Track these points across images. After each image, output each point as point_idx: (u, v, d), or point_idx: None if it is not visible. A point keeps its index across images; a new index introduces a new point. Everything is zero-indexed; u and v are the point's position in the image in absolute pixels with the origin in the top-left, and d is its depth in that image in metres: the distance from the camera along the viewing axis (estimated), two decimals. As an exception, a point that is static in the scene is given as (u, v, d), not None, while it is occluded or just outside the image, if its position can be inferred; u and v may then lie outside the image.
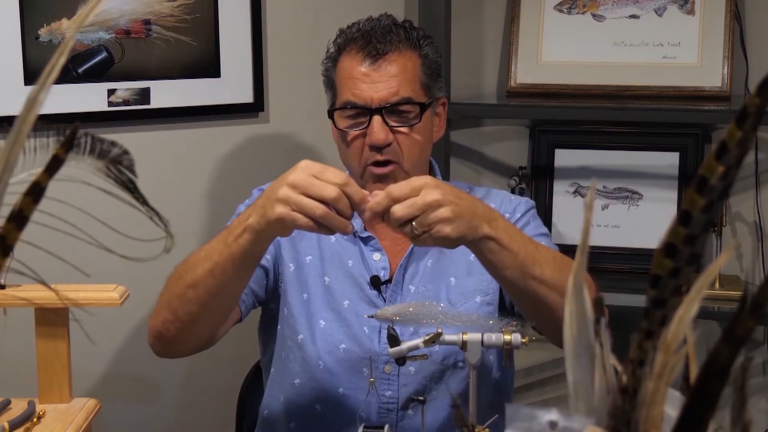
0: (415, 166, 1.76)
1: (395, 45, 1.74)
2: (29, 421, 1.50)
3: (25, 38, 2.06)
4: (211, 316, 1.63)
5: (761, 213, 2.46)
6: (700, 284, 0.64)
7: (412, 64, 1.75)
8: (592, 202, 0.68)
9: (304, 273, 1.79)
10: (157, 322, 1.65)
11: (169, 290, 1.64)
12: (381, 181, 1.72)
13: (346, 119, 1.75)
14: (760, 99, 0.60)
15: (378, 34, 1.74)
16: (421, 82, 1.76)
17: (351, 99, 1.73)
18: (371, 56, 1.73)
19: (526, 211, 1.83)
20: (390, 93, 1.72)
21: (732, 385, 0.64)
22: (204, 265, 1.56)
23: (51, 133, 0.78)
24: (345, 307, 1.76)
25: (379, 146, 1.71)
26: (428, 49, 1.78)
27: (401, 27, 1.78)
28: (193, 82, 2.26)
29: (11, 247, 0.70)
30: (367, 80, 1.72)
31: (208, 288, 1.56)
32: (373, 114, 1.72)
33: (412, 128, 1.73)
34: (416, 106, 1.74)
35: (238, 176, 2.35)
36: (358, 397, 1.72)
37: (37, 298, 1.54)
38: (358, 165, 1.75)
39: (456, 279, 1.77)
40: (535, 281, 1.51)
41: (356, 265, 1.79)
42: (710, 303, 2.31)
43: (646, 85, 2.43)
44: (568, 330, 0.70)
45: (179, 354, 1.72)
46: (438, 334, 1.41)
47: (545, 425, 0.65)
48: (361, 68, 1.73)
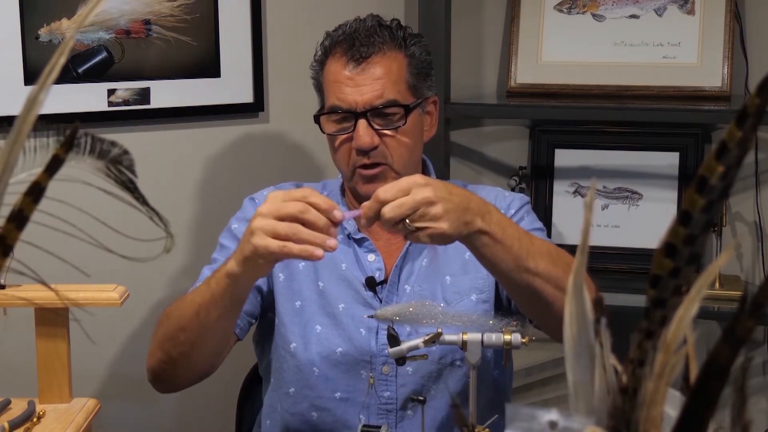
0: (405, 166, 1.75)
1: (379, 47, 1.73)
2: (29, 421, 1.50)
3: (25, 38, 2.06)
4: (204, 353, 1.66)
5: (761, 213, 2.46)
6: (700, 284, 0.64)
7: (397, 65, 1.75)
8: (592, 202, 0.68)
9: (297, 280, 1.78)
10: (153, 362, 1.70)
11: (160, 331, 1.69)
12: (371, 182, 1.73)
13: (332, 123, 1.76)
14: (760, 99, 0.60)
15: (362, 36, 1.74)
16: (408, 83, 1.75)
17: (336, 103, 1.74)
18: (354, 59, 1.72)
19: (521, 206, 1.83)
20: (374, 96, 1.71)
21: (732, 385, 0.64)
22: (190, 308, 1.60)
23: (51, 133, 0.78)
24: (340, 311, 1.76)
25: (365, 150, 1.72)
26: (415, 49, 1.77)
27: (386, 28, 1.77)
28: (193, 82, 2.26)
29: (11, 247, 0.70)
30: (351, 84, 1.72)
31: (196, 330, 1.61)
32: (358, 118, 1.71)
33: (398, 130, 1.73)
34: (401, 108, 1.73)
35: (238, 176, 2.35)
36: (356, 401, 1.72)
37: (37, 298, 1.54)
38: (347, 168, 1.75)
39: (451, 277, 1.77)
40: (529, 274, 1.50)
41: (350, 268, 1.78)
42: (710, 303, 2.30)
43: (646, 85, 2.43)
44: (568, 330, 0.70)
45: (180, 388, 1.76)
46: (438, 334, 1.42)
47: (545, 425, 0.65)
48: (345, 72, 1.73)
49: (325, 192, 1.85)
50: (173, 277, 2.30)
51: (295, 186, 1.87)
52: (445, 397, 1.73)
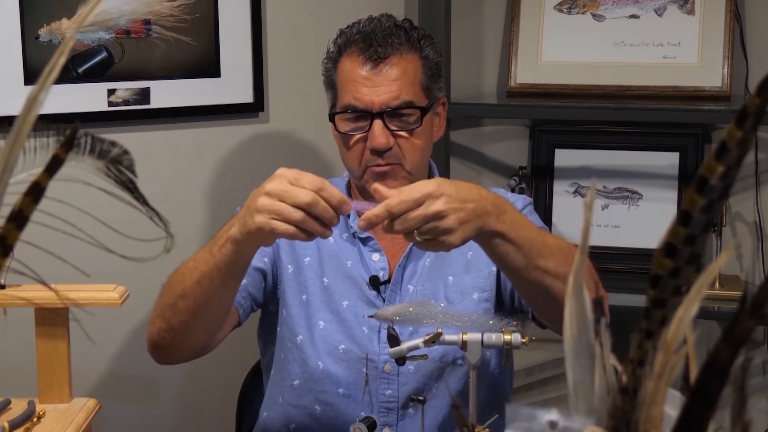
0: (417, 167, 1.76)
1: (396, 48, 1.73)
2: (29, 421, 1.50)
3: (25, 38, 2.06)
4: (204, 324, 1.64)
5: (761, 213, 2.46)
6: (700, 284, 0.64)
7: (413, 66, 1.75)
8: (592, 202, 0.68)
9: (303, 274, 1.79)
10: (153, 330, 1.68)
11: (162, 299, 1.66)
12: (381, 178, 1.72)
13: (347, 122, 1.75)
14: (760, 99, 0.60)
15: (379, 36, 1.73)
16: (422, 85, 1.76)
17: (352, 102, 1.73)
18: (372, 60, 1.72)
19: (524, 207, 1.83)
20: (391, 97, 1.71)
21: (732, 385, 0.64)
22: (192, 275, 1.58)
23: (51, 133, 0.78)
24: (344, 308, 1.76)
25: (380, 150, 1.71)
26: (429, 50, 1.78)
27: (402, 28, 1.77)
28: (193, 82, 2.26)
29: (11, 247, 0.70)
30: (368, 84, 1.72)
31: (197, 298, 1.58)
32: (374, 118, 1.71)
33: (412, 132, 1.73)
34: (417, 110, 1.73)
35: (238, 176, 2.35)
36: (358, 398, 1.72)
37: (37, 298, 1.54)
38: (358, 167, 1.75)
39: (454, 277, 1.78)
40: (539, 271, 1.50)
41: (355, 266, 1.79)
42: (710, 303, 2.31)
43: (646, 85, 2.43)
44: (568, 330, 0.70)
45: (177, 361, 1.74)
46: (438, 334, 1.42)
47: (545, 425, 0.65)
48: (362, 71, 1.72)
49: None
50: (173, 277, 2.29)
51: None
52: (446, 396, 1.73)
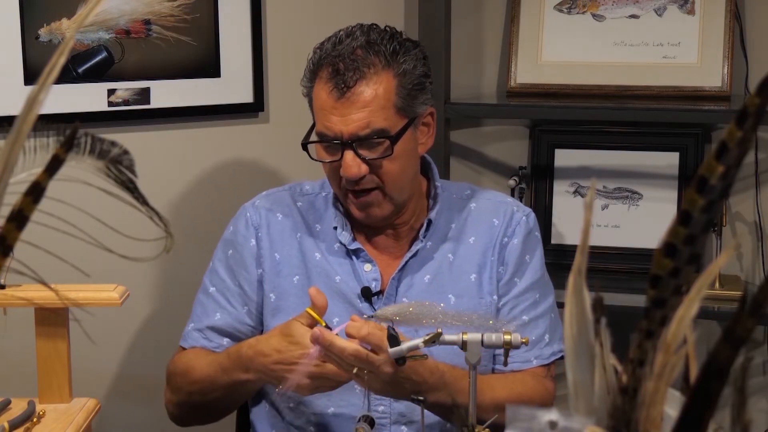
0: (398, 187, 1.72)
1: (364, 73, 1.66)
2: (29, 421, 1.50)
3: (25, 38, 2.06)
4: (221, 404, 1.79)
5: (761, 213, 2.46)
6: (700, 284, 0.64)
7: (384, 88, 1.67)
8: (592, 202, 0.68)
9: (290, 297, 1.77)
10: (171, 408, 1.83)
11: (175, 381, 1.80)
12: (365, 209, 1.72)
13: (321, 149, 1.72)
14: (760, 99, 0.60)
15: (347, 61, 1.67)
16: (396, 107, 1.68)
17: (323, 131, 1.69)
18: (339, 88, 1.66)
19: (526, 234, 1.80)
20: (359, 126, 1.66)
21: (732, 385, 0.64)
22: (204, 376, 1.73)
23: (51, 133, 0.78)
24: (335, 325, 1.74)
25: (353, 180, 1.68)
26: (408, 64, 1.69)
27: (374, 45, 1.69)
28: (193, 82, 2.26)
29: (11, 247, 0.70)
30: (337, 113, 1.67)
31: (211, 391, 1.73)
32: (345, 148, 1.67)
33: (385, 158, 1.68)
34: (387, 139, 1.67)
35: (238, 176, 2.35)
36: (349, 416, 1.71)
37: (37, 298, 1.54)
38: (339, 190, 1.74)
39: (456, 298, 1.75)
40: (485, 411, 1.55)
41: (345, 280, 1.76)
42: (710, 303, 2.30)
43: (646, 85, 2.43)
44: (568, 330, 0.70)
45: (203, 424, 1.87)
46: (438, 334, 1.41)
47: (545, 425, 0.65)
48: (329, 100, 1.67)
49: (323, 192, 1.84)
50: (173, 277, 2.29)
51: (288, 189, 1.86)
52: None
